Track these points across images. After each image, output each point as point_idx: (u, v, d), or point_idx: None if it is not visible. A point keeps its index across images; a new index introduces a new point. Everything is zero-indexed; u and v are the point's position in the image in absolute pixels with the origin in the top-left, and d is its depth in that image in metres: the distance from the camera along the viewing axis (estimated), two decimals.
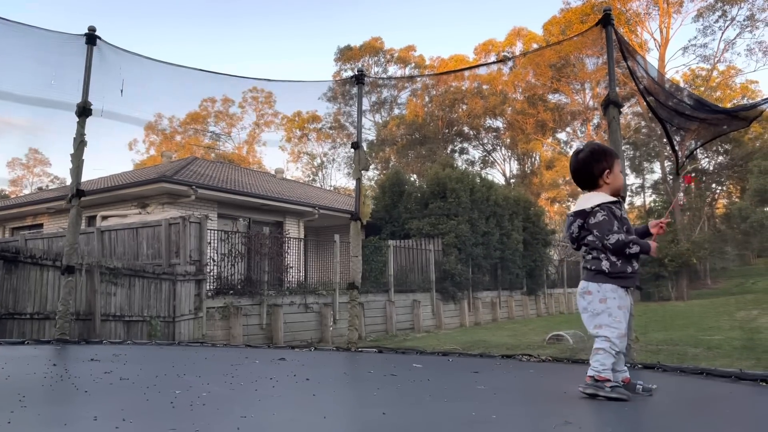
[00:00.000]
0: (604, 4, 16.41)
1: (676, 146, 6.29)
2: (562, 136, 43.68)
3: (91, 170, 47.08)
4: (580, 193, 3.02)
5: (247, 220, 14.64)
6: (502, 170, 46.70)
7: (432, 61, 46.80)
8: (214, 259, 11.45)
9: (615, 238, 2.69)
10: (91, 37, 6.27)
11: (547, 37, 38.34)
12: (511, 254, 19.59)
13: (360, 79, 7.25)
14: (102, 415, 2.35)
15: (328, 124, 45.09)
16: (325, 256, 16.70)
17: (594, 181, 2.85)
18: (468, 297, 17.72)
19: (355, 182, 7.14)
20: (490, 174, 42.43)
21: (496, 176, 43.68)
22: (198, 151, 41.05)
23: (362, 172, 6.94)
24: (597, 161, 2.85)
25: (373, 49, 45.64)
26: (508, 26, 71.21)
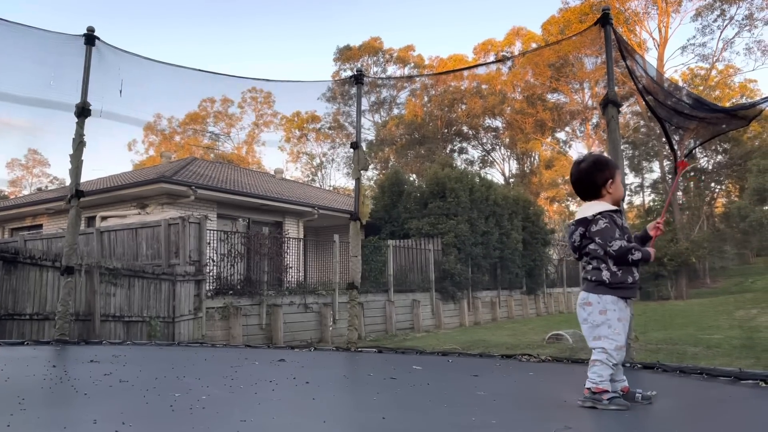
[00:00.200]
0: (603, 3, 16.39)
1: (675, 145, 6.30)
2: (561, 135, 43.75)
3: (91, 171, 47.02)
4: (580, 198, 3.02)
5: (247, 221, 14.62)
6: (501, 170, 46.76)
7: (431, 61, 46.81)
8: (213, 260, 11.44)
9: (618, 244, 2.70)
10: (89, 38, 6.27)
11: (546, 36, 38.33)
12: (511, 254, 19.59)
13: (359, 79, 7.25)
14: (101, 418, 2.35)
15: (328, 124, 45.08)
16: (325, 256, 16.70)
17: (597, 191, 2.86)
18: (467, 296, 17.72)
19: (354, 182, 7.13)
20: (489, 173, 42.50)
21: (495, 176, 43.76)
22: (197, 152, 41.01)
23: (361, 172, 6.95)
24: (600, 171, 2.86)
25: (373, 49, 45.62)
26: (508, 26, 71.34)
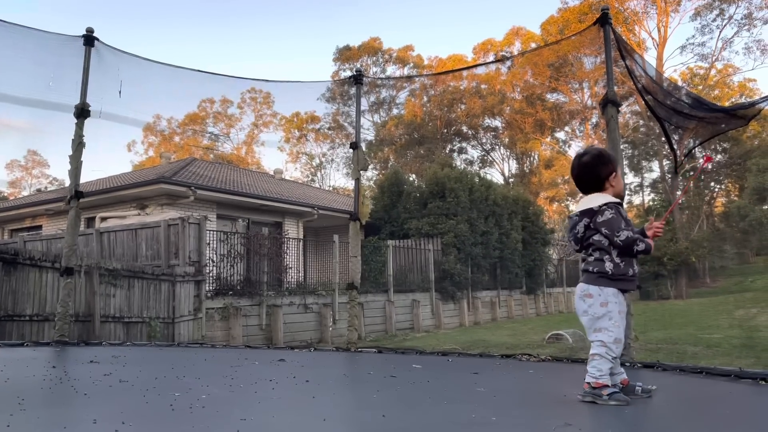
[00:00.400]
0: (602, 3, 16.41)
1: (674, 145, 6.29)
2: (560, 135, 43.78)
3: (90, 171, 46.98)
4: (579, 192, 3.03)
5: (246, 221, 14.62)
6: (500, 170, 46.79)
7: (430, 61, 46.82)
8: (213, 260, 11.44)
9: (625, 234, 2.73)
10: (89, 39, 6.26)
11: (545, 36, 38.34)
12: (510, 253, 19.59)
13: (358, 79, 7.25)
14: (101, 418, 2.35)
15: (327, 125, 45.08)
16: (325, 256, 16.69)
17: (600, 184, 2.89)
18: (467, 296, 17.72)
19: (353, 182, 7.13)
20: (488, 173, 42.53)
21: (494, 176, 43.81)
22: (197, 152, 41.00)
23: (361, 173, 6.94)
24: (604, 164, 2.90)
25: (372, 49, 45.63)
26: (507, 26, 71.33)
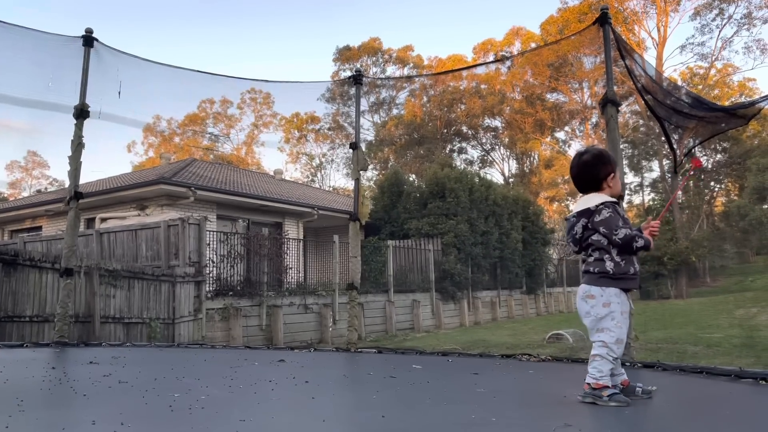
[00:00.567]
0: (602, 2, 16.42)
1: (674, 144, 6.29)
2: (560, 135, 43.78)
3: (90, 172, 47.09)
4: (578, 192, 3.03)
5: (246, 221, 14.61)
6: (500, 170, 46.77)
7: (430, 61, 46.80)
8: (213, 261, 11.44)
9: (623, 232, 2.73)
10: (88, 39, 6.26)
11: (544, 36, 38.33)
12: (511, 253, 19.58)
13: (358, 79, 7.24)
14: (100, 419, 2.35)
15: (327, 125, 45.06)
16: (325, 256, 16.69)
17: (597, 184, 2.90)
18: (467, 296, 17.71)
19: (353, 183, 7.13)
20: (488, 173, 42.50)
21: (494, 176, 43.79)
22: (197, 153, 40.98)
23: (361, 173, 6.94)
24: (603, 164, 2.91)
25: (372, 49, 45.63)
26: (507, 26, 71.22)
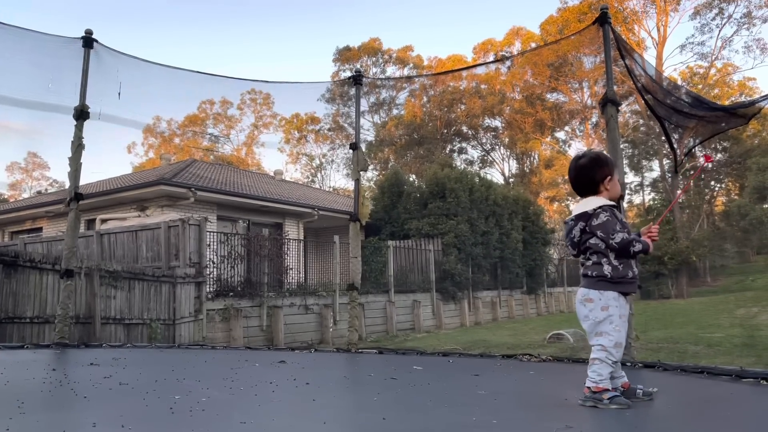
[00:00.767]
0: (601, 2, 16.43)
1: (674, 144, 6.28)
2: (560, 135, 43.74)
3: (90, 173, 47.15)
4: (577, 195, 3.03)
5: (247, 222, 14.61)
6: (501, 170, 46.74)
7: (430, 62, 46.77)
8: (213, 261, 11.43)
9: (620, 237, 2.72)
10: (88, 40, 6.26)
11: (544, 36, 38.31)
12: (511, 253, 19.58)
13: (358, 79, 7.24)
14: (101, 422, 2.35)
15: (327, 126, 45.07)
16: (325, 257, 16.69)
17: (595, 187, 2.89)
18: (468, 297, 17.71)
19: (353, 183, 7.12)
20: (489, 173, 42.49)
21: (495, 176, 43.76)
22: (197, 154, 40.99)
23: (361, 173, 6.94)
24: (600, 167, 2.90)
25: (372, 49, 45.61)
26: (507, 26, 71.22)
